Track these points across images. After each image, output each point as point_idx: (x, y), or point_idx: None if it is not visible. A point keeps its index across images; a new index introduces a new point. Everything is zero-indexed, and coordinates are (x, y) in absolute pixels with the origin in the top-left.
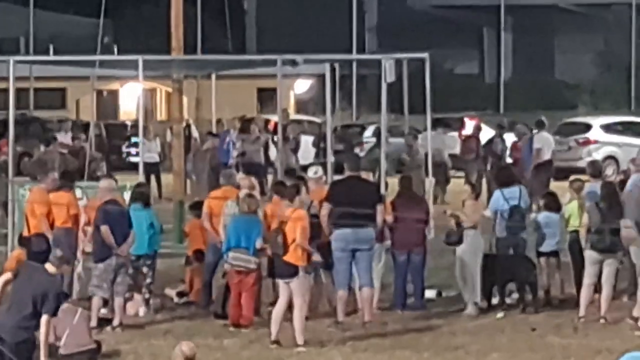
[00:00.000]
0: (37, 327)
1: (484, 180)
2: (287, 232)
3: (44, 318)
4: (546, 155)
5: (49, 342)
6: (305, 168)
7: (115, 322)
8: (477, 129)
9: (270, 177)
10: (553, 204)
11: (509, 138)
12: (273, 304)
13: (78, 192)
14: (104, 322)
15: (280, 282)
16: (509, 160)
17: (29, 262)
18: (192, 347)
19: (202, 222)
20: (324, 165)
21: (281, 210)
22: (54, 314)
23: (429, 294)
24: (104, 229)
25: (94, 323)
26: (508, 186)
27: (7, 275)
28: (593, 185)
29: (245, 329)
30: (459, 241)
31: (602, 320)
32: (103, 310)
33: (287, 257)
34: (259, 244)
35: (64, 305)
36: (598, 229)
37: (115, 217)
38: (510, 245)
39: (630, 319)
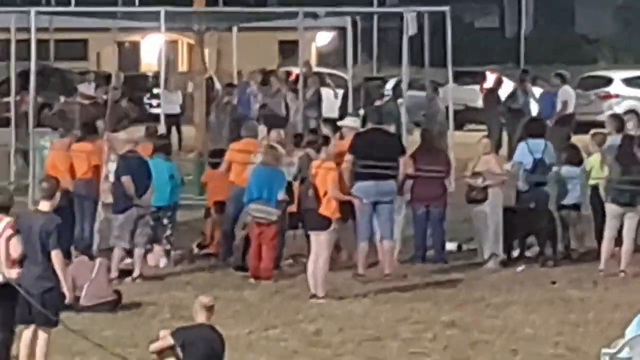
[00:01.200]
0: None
1: (504, 134)
2: (318, 185)
3: (53, 253)
4: (569, 109)
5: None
6: (327, 120)
7: (135, 273)
8: (498, 82)
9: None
10: (575, 157)
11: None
12: (293, 256)
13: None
14: (124, 273)
15: (313, 235)
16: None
17: (23, 212)
18: (211, 299)
19: (219, 172)
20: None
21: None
22: (65, 248)
23: (449, 246)
24: (126, 179)
25: (115, 274)
26: (535, 138)
27: (8, 232)
28: (614, 139)
29: (265, 281)
30: (484, 199)
31: (622, 274)
32: (128, 260)
33: (322, 210)
34: (280, 195)
35: (84, 258)
36: (619, 182)
37: (136, 168)
38: (532, 199)
39: None
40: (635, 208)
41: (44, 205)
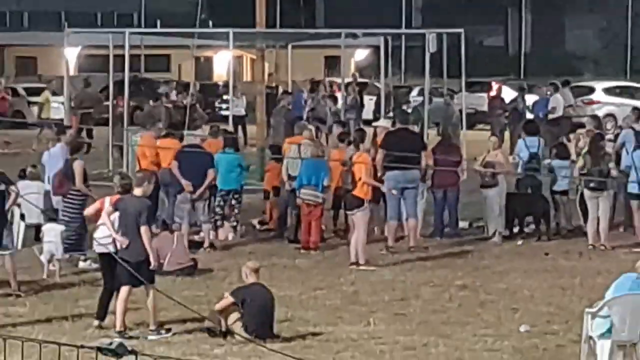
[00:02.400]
0: None
1: (506, 133)
2: (354, 172)
3: (142, 228)
4: (558, 113)
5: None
6: (366, 122)
7: (205, 244)
8: (500, 90)
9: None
10: (563, 152)
11: (529, 98)
12: (335, 231)
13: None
14: (199, 244)
15: (350, 213)
16: (529, 116)
17: (122, 196)
18: (256, 263)
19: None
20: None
21: (347, 155)
22: (150, 225)
23: (462, 224)
24: (174, 164)
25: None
26: (531, 136)
27: (109, 209)
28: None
29: (313, 251)
30: (495, 184)
31: (602, 247)
32: (201, 234)
33: (355, 192)
34: (325, 182)
35: (166, 232)
36: (588, 172)
37: (191, 157)
38: (528, 185)
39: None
40: (602, 192)
41: (137, 191)
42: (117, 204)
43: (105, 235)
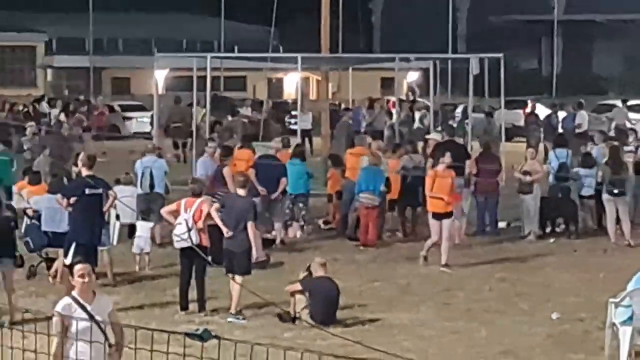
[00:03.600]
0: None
1: (540, 145)
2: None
3: (249, 224)
4: (584, 128)
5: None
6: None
7: (277, 241)
8: (534, 108)
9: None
10: (588, 162)
11: (561, 114)
12: (390, 230)
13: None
14: (271, 242)
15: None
16: (560, 130)
17: (229, 194)
18: (323, 259)
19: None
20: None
21: (402, 163)
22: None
23: (501, 225)
24: (251, 172)
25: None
26: (561, 148)
27: (216, 205)
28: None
29: (370, 248)
30: (531, 191)
31: (625, 244)
32: (274, 233)
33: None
34: (381, 187)
35: None
36: (610, 179)
37: (264, 166)
38: (559, 191)
39: None
40: (621, 197)
41: (241, 192)
42: (225, 201)
43: (183, 231)
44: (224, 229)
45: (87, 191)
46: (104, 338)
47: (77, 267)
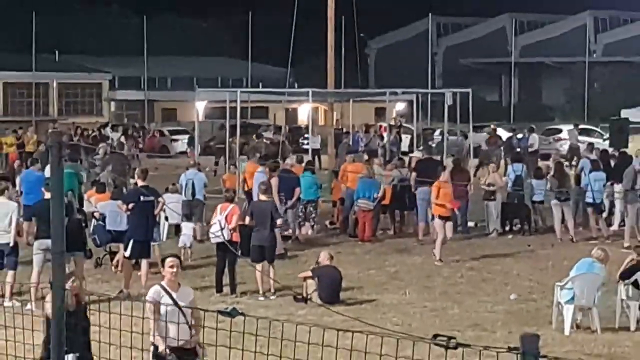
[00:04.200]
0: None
1: (502, 161)
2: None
3: (278, 222)
4: (535, 147)
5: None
6: (404, 153)
7: (292, 238)
8: (494, 132)
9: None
10: (539, 174)
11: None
12: (382, 229)
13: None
14: (287, 238)
15: (439, 222)
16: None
17: (256, 201)
18: (332, 252)
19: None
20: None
21: (393, 175)
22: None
23: (470, 224)
24: (273, 181)
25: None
26: (517, 163)
27: (236, 211)
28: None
29: (367, 243)
30: (494, 198)
31: (569, 239)
32: (290, 230)
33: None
34: (375, 195)
35: None
36: (557, 189)
37: (283, 178)
38: (515, 197)
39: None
40: (566, 202)
41: (264, 197)
42: (253, 206)
43: (217, 230)
44: (249, 223)
45: (142, 198)
46: (186, 320)
47: (168, 260)
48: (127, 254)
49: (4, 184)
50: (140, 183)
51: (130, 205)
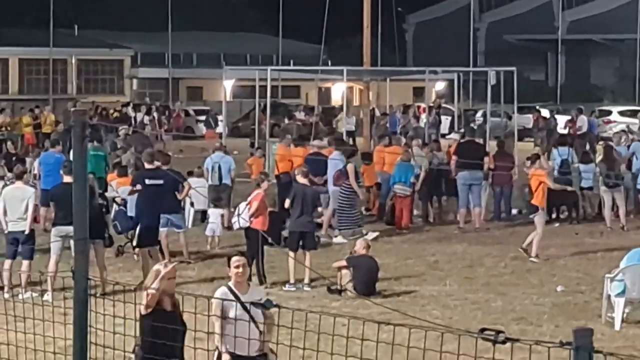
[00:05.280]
0: None
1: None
2: (531, 184)
3: (319, 209)
4: (584, 130)
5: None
6: (444, 136)
7: (325, 225)
8: (539, 112)
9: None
10: (587, 158)
11: (563, 118)
12: (420, 215)
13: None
14: (319, 225)
15: (531, 217)
16: (564, 131)
17: (297, 184)
18: (368, 241)
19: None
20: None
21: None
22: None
23: (514, 211)
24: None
25: None
26: (563, 146)
27: (259, 195)
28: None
29: (405, 230)
30: None
31: (620, 228)
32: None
33: (533, 201)
34: (412, 179)
35: None
36: (606, 174)
37: (313, 161)
38: (562, 183)
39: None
40: (617, 188)
41: (304, 180)
42: (297, 189)
43: (235, 214)
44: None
45: (147, 182)
46: (256, 325)
47: (234, 259)
48: (135, 242)
49: (21, 168)
50: (147, 166)
51: (135, 188)
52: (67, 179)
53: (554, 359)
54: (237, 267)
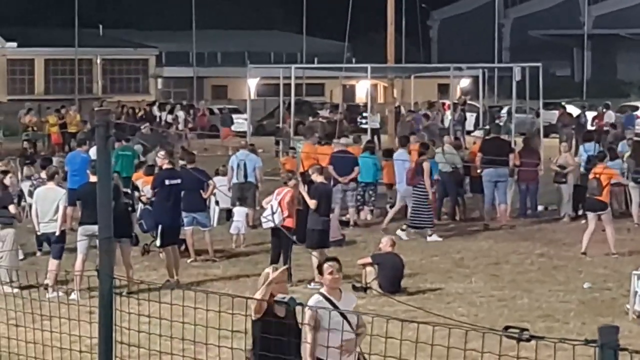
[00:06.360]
0: None
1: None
2: (601, 181)
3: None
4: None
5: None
6: (469, 133)
7: (351, 223)
8: (564, 108)
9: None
10: (613, 154)
11: (590, 114)
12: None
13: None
14: (345, 223)
15: (591, 214)
16: (590, 127)
17: (318, 183)
18: (394, 238)
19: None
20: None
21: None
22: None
23: (540, 208)
24: (330, 167)
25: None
26: (589, 142)
27: (289, 194)
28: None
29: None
30: (565, 181)
31: None
32: (348, 215)
33: (600, 198)
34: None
35: None
36: (635, 169)
37: (339, 159)
38: (588, 179)
39: None
40: None
41: (321, 179)
42: (316, 188)
43: (268, 214)
44: (311, 203)
45: (166, 182)
46: (353, 332)
47: (327, 265)
48: (159, 243)
49: (53, 169)
50: (165, 166)
51: (154, 191)
52: (93, 178)
53: (580, 357)
54: (331, 272)
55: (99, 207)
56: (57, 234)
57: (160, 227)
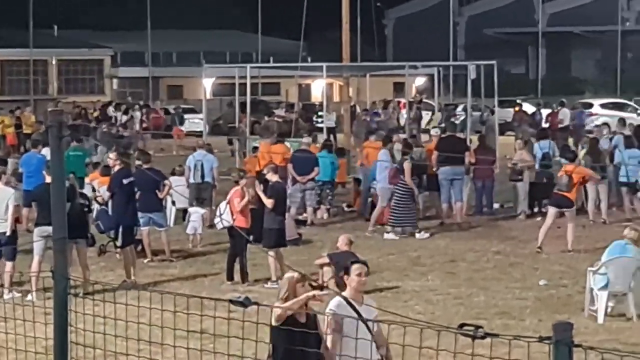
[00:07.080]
0: None
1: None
2: (573, 179)
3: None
4: (565, 123)
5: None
6: (425, 131)
7: (308, 222)
8: (520, 106)
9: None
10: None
11: (545, 112)
12: None
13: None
14: (301, 222)
15: (553, 210)
16: (545, 125)
17: (274, 182)
18: (351, 236)
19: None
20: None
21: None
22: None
23: (496, 206)
24: (289, 166)
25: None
26: (544, 140)
27: (238, 193)
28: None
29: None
30: (521, 179)
31: (602, 221)
32: (305, 214)
33: (568, 195)
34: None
35: None
36: (590, 167)
37: (300, 159)
38: (544, 177)
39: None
40: (603, 180)
41: (276, 177)
42: (273, 187)
43: (218, 214)
44: (267, 202)
45: (124, 182)
46: (373, 338)
47: (355, 267)
48: (120, 242)
49: (0, 169)
50: (117, 167)
51: (111, 192)
52: (49, 179)
53: (536, 353)
54: (360, 274)
55: (53, 208)
56: (7, 233)
57: (121, 227)
